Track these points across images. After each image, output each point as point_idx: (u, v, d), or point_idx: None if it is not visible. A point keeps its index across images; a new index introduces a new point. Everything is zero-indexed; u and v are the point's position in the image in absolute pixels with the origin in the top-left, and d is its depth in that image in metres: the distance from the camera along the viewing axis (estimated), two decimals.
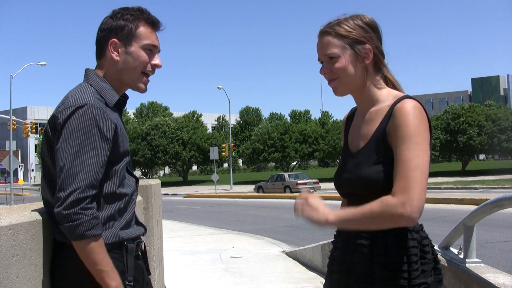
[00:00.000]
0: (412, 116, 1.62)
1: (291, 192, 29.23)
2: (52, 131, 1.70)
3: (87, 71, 1.88)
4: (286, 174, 31.97)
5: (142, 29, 1.86)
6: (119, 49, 1.84)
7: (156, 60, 1.90)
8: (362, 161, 1.72)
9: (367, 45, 1.75)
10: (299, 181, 30.06)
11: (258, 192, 32.06)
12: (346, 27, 1.76)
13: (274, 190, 30.61)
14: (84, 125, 1.65)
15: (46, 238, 1.71)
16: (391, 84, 1.82)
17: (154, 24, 1.91)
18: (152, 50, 1.89)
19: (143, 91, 1.92)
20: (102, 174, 1.69)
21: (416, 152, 1.59)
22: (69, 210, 1.58)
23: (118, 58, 1.84)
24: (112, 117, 1.76)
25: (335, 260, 1.86)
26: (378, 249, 1.67)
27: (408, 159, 1.59)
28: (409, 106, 1.64)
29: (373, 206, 1.60)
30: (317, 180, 31.67)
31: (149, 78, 1.92)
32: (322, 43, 1.80)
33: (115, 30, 1.84)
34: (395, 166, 1.62)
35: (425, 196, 1.59)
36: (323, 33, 1.80)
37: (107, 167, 1.73)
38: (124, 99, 1.94)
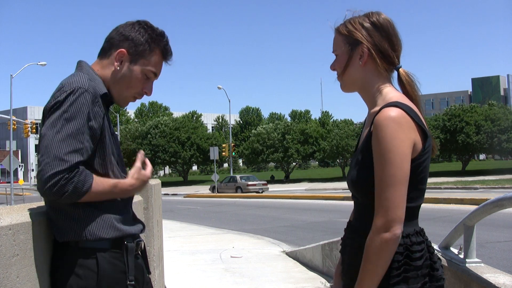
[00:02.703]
0: (385, 131, 1.58)
1: (242, 192, 32.86)
2: (48, 116, 1.67)
3: (80, 62, 1.87)
4: (238, 176, 35.64)
5: (154, 56, 1.86)
6: (123, 61, 1.84)
7: (148, 88, 1.90)
8: (354, 163, 1.74)
9: (364, 46, 1.74)
10: (249, 183, 33.56)
11: (213, 192, 35.14)
12: (349, 26, 1.77)
13: (227, 190, 34.36)
14: (75, 109, 1.64)
15: (46, 238, 1.71)
16: (403, 85, 1.78)
17: (166, 56, 1.91)
18: (150, 77, 1.89)
19: (122, 106, 1.96)
20: (86, 158, 1.65)
21: (387, 171, 1.57)
22: (56, 185, 1.56)
23: (118, 69, 1.84)
24: (102, 107, 1.76)
25: (339, 259, 1.89)
26: (362, 253, 1.68)
27: (381, 178, 1.59)
28: (383, 118, 1.60)
29: (364, 254, 1.61)
30: (265, 182, 34.76)
31: (135, 100, 1.92)
32: (333, 39, 1.84)
33: (130, 42, 1.83)
34: (375, 183, 1.62)
35: (403, 210, 1.59)
36: (334, 29, 1.84)
37: (96, 159, 1.73)
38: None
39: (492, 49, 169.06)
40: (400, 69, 1.80)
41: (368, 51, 1.74)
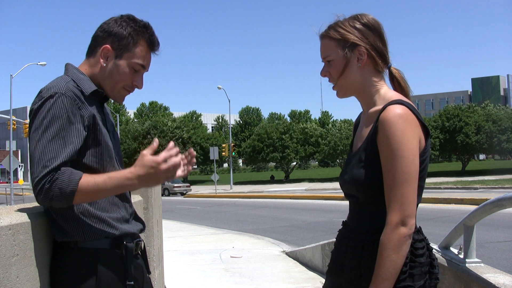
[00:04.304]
0: (394, 128, 1.60)
1: (169, 194, 37.30)
2: (30, 124, 1.71)
3: (66, 65, 1.87)
4: None
5: (139, 48, 1.84)
6: (108, 57, 1.83)
7: (138, 81, 1.88)
8: (355, 162, 1.73)
9: (361, 46, 1.74)
10: (175, 185, 37.59)
11: None
12: (341, 30, 1.76)
13: None
14: (53, 115, 1.64)
15: (46, 238, 1.71)
16: (397, 82, 1.81)
17: (153, 46, 1.89)
18: (139, 70, 1.87)
19: (119, 102, 1.92)
20: (69, 158, 1.64)
21: (401, 168, 1.59)
22: (44, 187, 1.57)
23: (104, 65, 1.83)
24: (88, 106, 1.74)
25: (331, 259, 1.88)
26: (366, 251, 1.68)
27: (394, 175, 1.60)
28: (391, 116, 1.61)
29: (381, 252, 1.60)
30: (188, 184, 39.18)
31: (129, 93, 1.91)
32: (321, 46, 1.82)
33: (113, 37, 1.82)
34: (384, 180, 1.63)
35: (416, 206, 1.63)
36: (321, 36, 1.82)
37: (91, 158, 1.73)
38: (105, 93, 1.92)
39: (492, 49, 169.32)
40: (391, 67, 1.81)
41: (367, 52, 1.74)
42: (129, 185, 1.64)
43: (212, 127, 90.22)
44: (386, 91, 1.77)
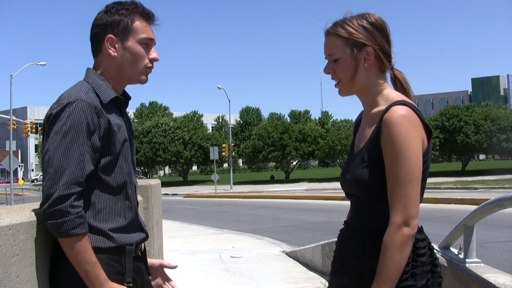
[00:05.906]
0: (398, 128, 1.60)
1: None
2: (46, 130, 1.71)
3: (88, 70, 1.87)
4: None
5: (138, 23, 1.85)
6: (116, 45, 1.83)
7: (153, 54, 1.89)
8: (358, 162, 1.73)
9: (369, 47, 1.73)
10: None
11: None
12: (349, 28, 1.75)
13: None
14: (73, 121, 1.64)
15: (46, 238, 1.71)
16: (399, 83, 1.81)
17: (149, 17, 1.90)
18: (148, 44, 1.88)
19: (144, 82, 1.91)
20: (89, 171, 1.66)
21: (405, 168, 1.59)
22: (53, 207, 1.57)
23: (116, 54, 1.83)
24: (106, 115, 1.74)
25: (334, 258, 1.88)
26: (367, 251, 1.68)
27: (397, 176, 1.60)
28: (396, 116, 1.61)
29: (384, 252, 1.60)
30: None
31: (151, 70, 1.91)
32: (326, 43, 1.81)
33: (110, 26, 1.82)
34: (388, 180, 1.63)
35: (418, 206, 1.63)
36: (327, 33, 1.81)
37: (100, 164, 1.72)
38: (124, 99, 1.92)
39: (492, 49, 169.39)
40: (394, 68, 1.81)
41: (375, 52, 1.74)
42: (92, 285, 1.65)
43: (212, 127, 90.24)
44: (389, 91, 1.77)
